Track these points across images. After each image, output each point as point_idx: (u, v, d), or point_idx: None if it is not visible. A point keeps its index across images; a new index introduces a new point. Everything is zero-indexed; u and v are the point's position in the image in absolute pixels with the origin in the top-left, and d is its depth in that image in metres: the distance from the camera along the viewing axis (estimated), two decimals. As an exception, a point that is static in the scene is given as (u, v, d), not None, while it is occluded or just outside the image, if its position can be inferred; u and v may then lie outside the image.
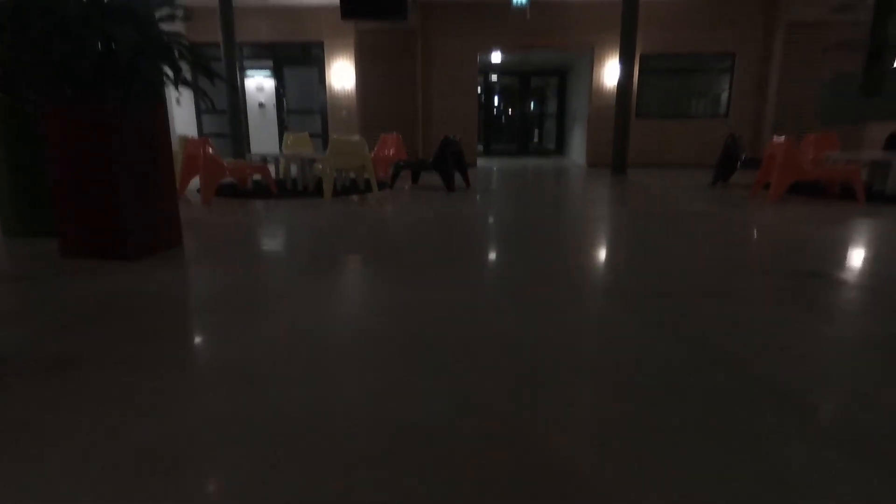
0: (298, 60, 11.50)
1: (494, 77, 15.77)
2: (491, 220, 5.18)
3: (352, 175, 7.65)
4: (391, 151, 9.12)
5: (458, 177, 8.56)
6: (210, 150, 6.07)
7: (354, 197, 6.75)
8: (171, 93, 10.81)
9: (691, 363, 1.95)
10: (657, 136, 11.11)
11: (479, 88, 11.80)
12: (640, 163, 11.17)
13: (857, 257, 3.58)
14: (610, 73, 10.91)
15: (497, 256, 3.67)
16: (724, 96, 10.93)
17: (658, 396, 1.71)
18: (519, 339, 2.19)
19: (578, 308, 2.59)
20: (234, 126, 9.64)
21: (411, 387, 1.78)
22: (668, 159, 11.19)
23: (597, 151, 11.27)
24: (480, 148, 15.89)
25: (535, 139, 19.26)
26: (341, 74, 11.25)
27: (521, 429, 1.52)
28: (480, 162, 12.83)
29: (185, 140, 6.51)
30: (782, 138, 6.13)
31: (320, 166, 6.54)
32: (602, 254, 3.75)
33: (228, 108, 9.53)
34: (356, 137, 6.66)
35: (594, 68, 10.94)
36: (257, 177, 8.48)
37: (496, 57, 12.43)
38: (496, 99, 19.99)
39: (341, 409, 1.64)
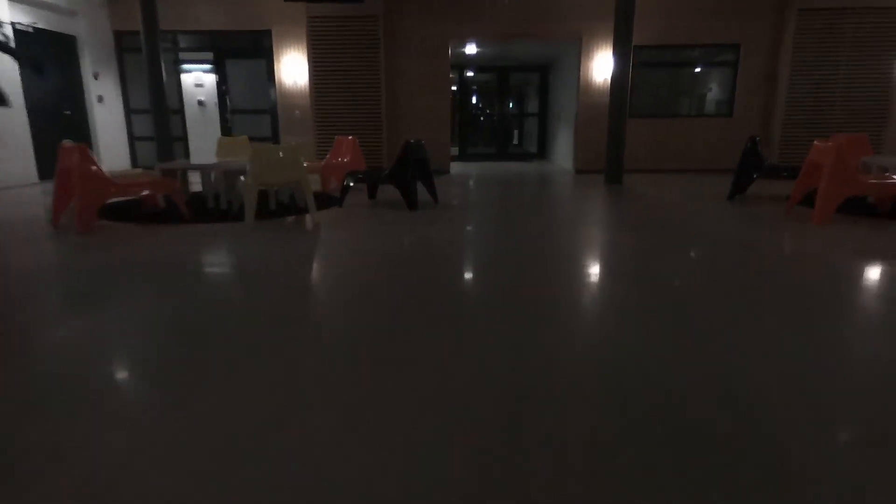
0: (243, 52, 9.96)
1: (471, 73, 14.41)
2: (467, 257, 3.78)
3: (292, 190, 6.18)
4: (346, 158, 7.67)
5: (423, 190, 7.14)
6: (87, 161, 4.55)
7: (290, 219, 5.29)
8: (91, 88, 9.20)
9: None
10: (652, 138, 9.85)
11: (452, 85, 10.42)
12: (633, 168, 9.89)
13: None
14: (600, 66, 9.61)
15: (485, 333, 2.26)
16: (728, 92, 9.71)
17: None
18: None
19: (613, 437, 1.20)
20: (159, 129, 8.08)
21: None
22: (664, 164, 9.94)
23: (586, 156, 9.97)
24: (455, 151, 14.51)
25: (516, 141, 17.98)
26: (292, 68, 9.75)
27: None
28: (455, 167, 11.45)
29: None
30: (829, 142, 4.85)
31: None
32: (623, 316, 2.37)
33: (151, 108, 7.97)
34: (292, 143, 5.20)
35: (582, 61, 9.63)
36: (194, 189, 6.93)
37: (471, 49, 11.06)
38: (472, 97, 18.66)
39: None
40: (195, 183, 7.77)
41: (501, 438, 1.56)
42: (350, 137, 7.80)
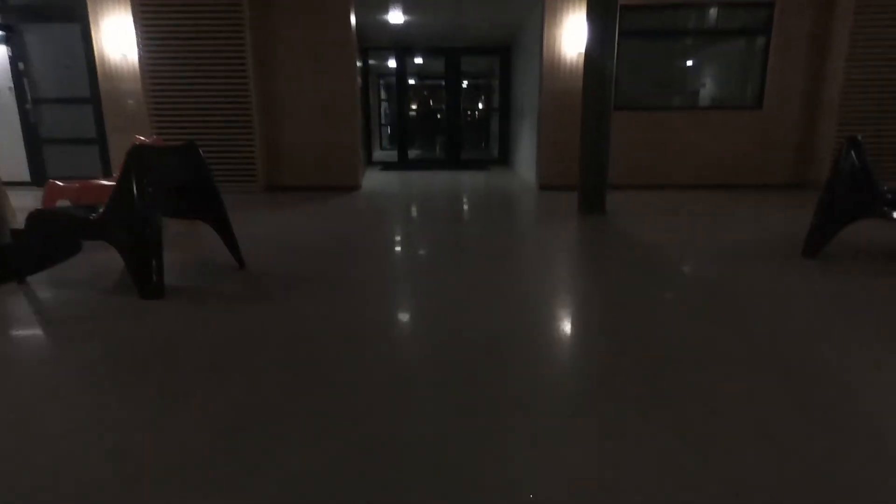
0: (45, 12, 6.75)
1: (412, 57, 11.31)
2: None
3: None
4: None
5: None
6: None
7: None
8: None
9: None
10: (645, 140, 6.85)
11: (356, 62, 7.31)
12: (619, 182, 6.88)
13: None
14: (572, 35, 6.58)
15: None
16: (756, 73, 6.74)
17: None
18: None
19: None
20: None
21: None
22: (662, 177, 6.93)
23: (553, 165, 6.93)
24: (393, 157, 11.40)
25: (483, 144, 14.96)
26: (119, 37, 6.57)
27: None
28: (379, 179, 8.34)
29: None
30: None
31: None
32: None
33: None
34: None
35: (546, 29, 6.60)
36: None
37: (396, 16, 7.97)
38: (414, 89, 15.63)
39: None
40: None
41: None
42: (153, 137, 4.67)
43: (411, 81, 15.36)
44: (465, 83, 14.95)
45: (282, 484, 1.29)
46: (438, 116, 12.88)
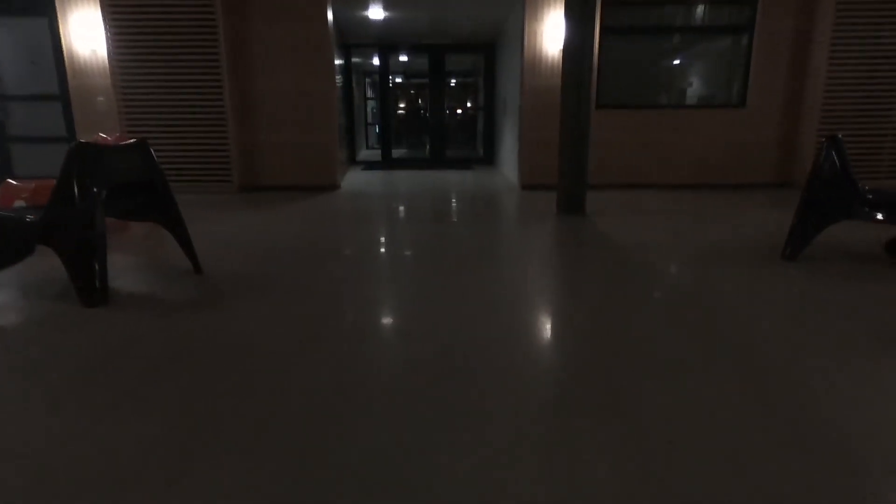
0: (11, 5, 6.54)
1: (395, 56, 11.16)
2: None
3: None
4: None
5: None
6: None
7: None
8: None
9: None
10: (627, 139, 6.75)
11: (335, 59, 7.13)
12: (600, 182, 6.79)
13: None
14: (553, 30, 6.48)
15: None
16: (740, 71, 6.67)
17: None
18: None
19: None
20: None
21: None
22: (645, 176, 6.84)
23: (535, 164, 6.82)
24: (377, 156, 11.25)
25: (458, 142, 14.84)
26: (88, 31, 6.37)
27: None
28: (355, 179, 8.19)
29: None
30: None
31: None
32: None
33: None
34: None
35: (527, 24, 6.48)
36: None
37: (376, 12, 7.81)
38: (399, 88, 15.49)
39: None
40: None
41: None
42: (116, 135, 4.50)
43: (397, 80, 15.24)
44: (450, 81, 14.84)
45: (216, 498, 1.15)
46: (424, 115, 12.75)
